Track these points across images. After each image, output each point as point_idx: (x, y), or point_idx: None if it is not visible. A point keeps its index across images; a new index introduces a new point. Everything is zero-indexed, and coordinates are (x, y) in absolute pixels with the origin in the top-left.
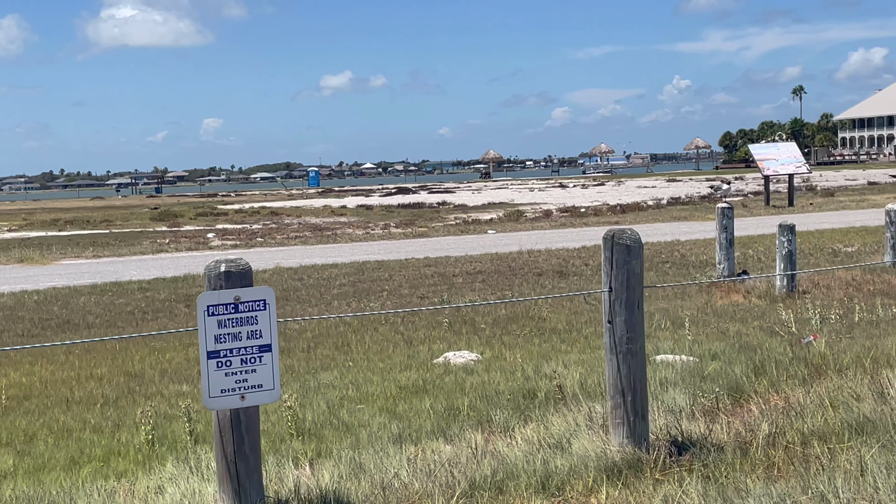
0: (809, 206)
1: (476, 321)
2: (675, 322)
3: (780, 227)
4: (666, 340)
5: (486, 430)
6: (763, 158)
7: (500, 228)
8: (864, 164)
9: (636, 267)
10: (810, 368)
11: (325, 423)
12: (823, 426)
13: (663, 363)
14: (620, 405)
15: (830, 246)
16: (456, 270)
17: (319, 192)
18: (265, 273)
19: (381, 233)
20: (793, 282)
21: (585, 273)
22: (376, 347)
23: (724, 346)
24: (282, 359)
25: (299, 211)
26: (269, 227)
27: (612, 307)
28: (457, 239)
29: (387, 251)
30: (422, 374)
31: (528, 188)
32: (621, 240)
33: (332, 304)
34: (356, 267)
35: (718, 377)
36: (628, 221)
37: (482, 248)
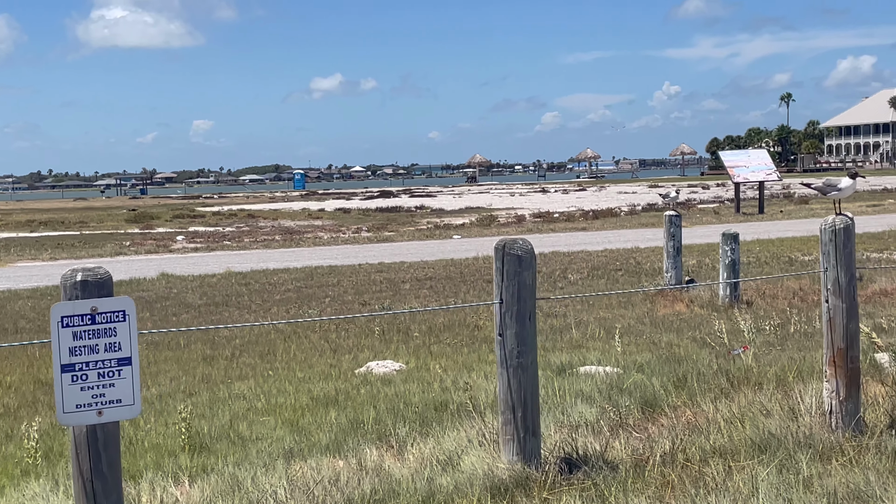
0: (779, 214)
1: (410, 329)
2: (609, 332)
3: (723, 235)
4: (594, 351)
5: (384, 445)
6: (733, 165)
7: (467, 233)
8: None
9: (527, 278)
10: (731, 382)
11: (221, 436)
12: (727, 443)
13: (586, 375)
14: (511, 421)
15: (789, 254)
16: (406, 276)
17: (303, 195)
18: (213, 278)
19: (349, 237)
20: (736, 291)
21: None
22: (302, 356)
23: (651, 357)
24: (202, 367)
25: (277, 214)
26: (241, 230)
27: (503, 320)
28: (419, 244)
29: (345, 256)
30: (339, 384)
31: (510, 193)
32: (512, 250)
33: (271, 311)
34: (308, 272)
35: (636, 390)
36: (595, 228)
37: (441, 253)
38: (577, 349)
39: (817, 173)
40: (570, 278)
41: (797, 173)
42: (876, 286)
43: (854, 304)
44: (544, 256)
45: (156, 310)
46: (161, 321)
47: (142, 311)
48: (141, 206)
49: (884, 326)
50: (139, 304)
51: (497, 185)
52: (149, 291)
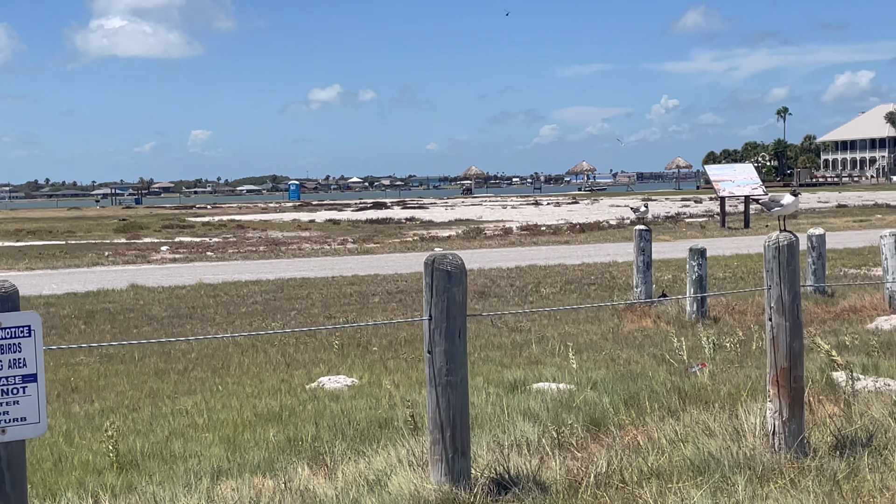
0: (765, 229)
1: (370, 343)
2: (570, 348)
3: (690, 250)
4: (551, 367)
5: (318, 464)
6: (719, 180)
7: (450, 246)
8: (844, 187)
9: (457, 294)
10: (683, 400)
11: (154, 453)
12: (666, 464)
13: (538, 391)
14: (439, 441)
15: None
16: (378, 289)
17: (296, 206)
18: (183, 289)
19: (333, 248)
20: (703, 307)
21: (507, 294)
22: (255, 370)
23: (607, 374)
24: (152, 382)
25: (266, 224)
26: (227, 241)
27: (432, 337)
28: (399, 256)
29: (322, 268)
30: (286, 400)
31: (502, 205)
32: (441, 265)
33: (235, 323)
34: (279, 284)
35: (586, 408)
36: (578, 241)
37: (419, 266)
38: (534, 365)
39: (813, 188)
40: (543, 292)
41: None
42: (846, 303)
43: (798, 324)
44: (521, 270)
45: (118, 322)
46: (121, 333)
47: (103, 322)
48: (132, 215)
49: (847, 344)
50: (103, 315)
51: (492, 197)
52: (115, 303)
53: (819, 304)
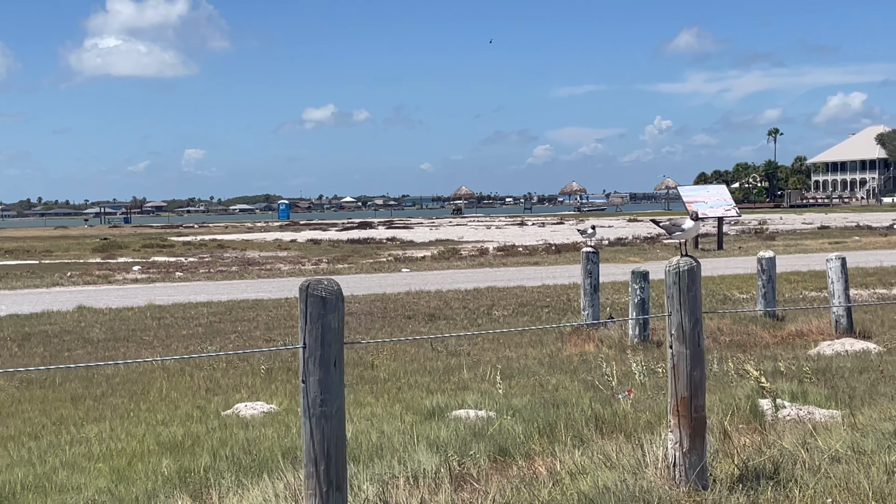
0: (737, 250)
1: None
2: (504, 373)
3: (632, 273)
4: (476, 393)
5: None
6: (692, 201)
7: (418, 267)
8: (834, 208)
9: (333, 321)
10: (599, 429)
11: (35, 486)
12: (560, 497)
13: (455, 419)
14: (313, 475)
15: (726, 292)
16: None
17: (282, 226)
18: (130, 311)
19: (304, 268)
20: (645, 331)
21: (457, 317)
22: (175, 396)
23: (532, 401)
24: (65, 408)
25: (247, 244)
26: (202, 261)
27: (306, 366)
28: (363, 277)
29: (280, 289)
30: (195, 427)
31: (487, 225)
32: (316, 291)
33: (170, 346)
34: (230, 305)
35: (498, 436)
36: (548, 262)
37: (379, 287)
38: (460, 391)
39: (804, 209)
40: (494, 315)
41: (784, 209)
42: (793, 327)
43: (699, 351)
44: (479, 291)
45: (52, 345)
46: (52, 357)
47: (37, 345)
48: (116, 235)
49: (782, 370)
50: (38, 337)
51: (481, 217)
52: (55, 325)
53: (766, 328)
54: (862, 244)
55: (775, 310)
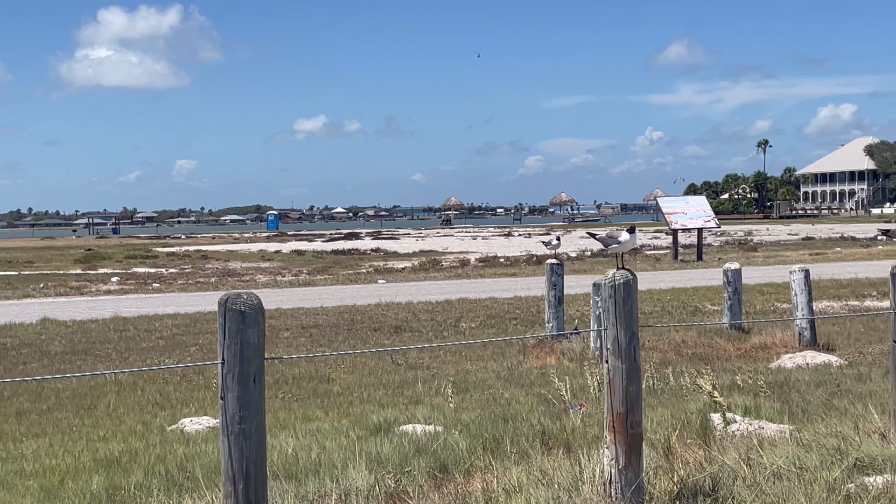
0: (717, 262)
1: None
2: (460, 386)
3: (593, 285)
4: (427, 407)
5: None
6: (671, 212)
7: (395, 278)
8: (822, 219)
9: (252, 336)
10: (546, 444)
11: None
12: None
13: (402, 434)
14: (231, 494)
15: (697, 304)
16: (293, 323)
17: (272, 236)
18: (94, 323)
19: (281, 279)
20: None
21: (424, 329)
22: (122, 409)
23: (482, 415)
24: (8, 423)
25: (231, 255)
26: (183, 272)
27: (225, 382)
28: (337, 289)
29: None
30: (135, 443)
31: (474, 236)
32: (235, 305)
33: (128, 360)
34: (196, 318)
35: (443, 452)
36: (527, 274)
37: (351, 299)
38: (411, 405)
39: (793, 220)
40: (462, 327)
41: (773, 220)
42: (757, 339)
43: (635, 366)
44: (449, 303)
45: (8, 358)
46: (6, 371)
47: None
48: (102, 245)
49: (738, 384)
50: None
51: (470, 228)
52: (15, 338)
53: (731, 341)
54: (842, 255)
55: (741, 322)
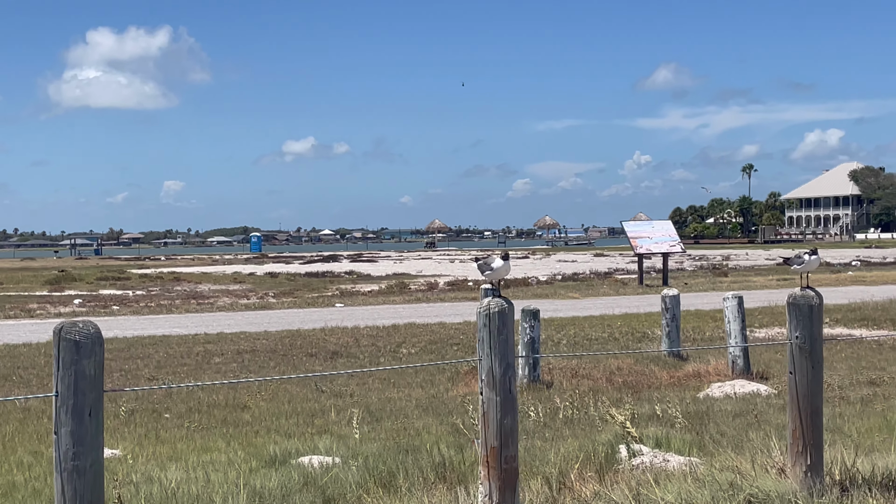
0: (682, 286)
1: (168, 407)
2: (377, 415)
3: (522, 312)
4: (331, 438)
5: None
6: (636, 237)
7: (357, 301)
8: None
9: (88, 367)
10: (441, 477)
11: None
12: None
13: (297, 466)
14: None
15: (646, 329)
16: (230, 348)
17: (252, 258)
18: (27, 347)
19: (247, 303)
20: (535, 371)
21: (361, 355)
22: (19, 439)
23: (387, 446)
24: None
25: (204, 277)
26: (149, 294)
27: (58, 415)
28: (292, 311)
29: (200, 324)
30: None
31: (451, 259)
32: (69, 334)
33: (47, 386)
34: (132, 342)
35: (330, 486)
36: None
37: (300, 322)
38: (318, 435)
39: (777, 245)
40: (401, 352)
41: (757, 244)
42: (692, 367)
43: (510, 398)
44: (396, 328)
45: None
46: None
47: None
48: (78, 267)
49: (658, 413)
50: None
51: (454, 250)
52: None
53: (666, 368)
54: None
55: (680, 349)
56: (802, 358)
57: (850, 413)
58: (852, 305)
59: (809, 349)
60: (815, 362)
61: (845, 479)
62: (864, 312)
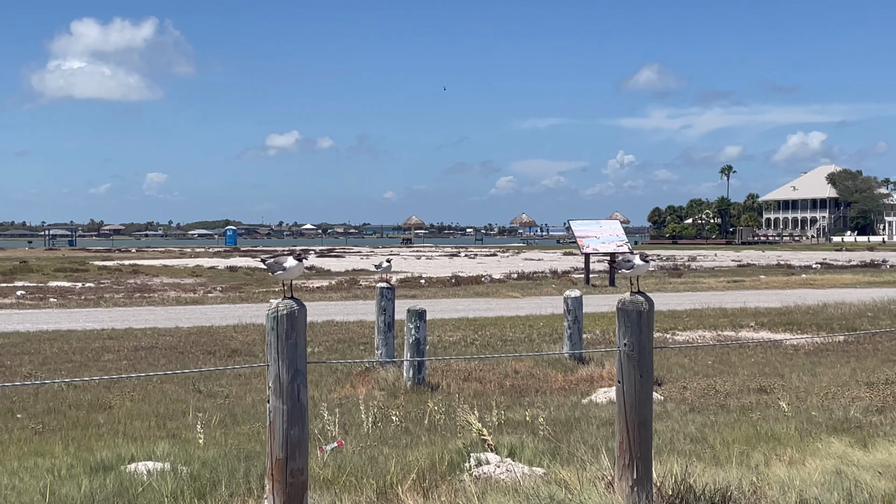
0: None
1: (26, 407)
2: (236, 417)
3: (408, 312)
4: (172, 442)
5: None
6: (584, 236)
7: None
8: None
9: None
10: (262, 488)
11: None
12: None
13: (123, 473)
14: None
15: None
16: (129, 345)
17: (223, 251)
18: None
19: (191, 297)
20: (420, 373)
21: (260, 353)
22: None
23: (227, 452)
24: None
25: (164, 270)
26: (99, 287)
27: None
28: (222, 307)
29: (116, 319)
30: None
31: (419, 256)
32: None
33: None
34: (30, 336)
35: (146, 495)
36: (427, 296)
37: (220, 319)
38: (163, 438)
39: (753, 246)
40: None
41: (735, 246)
42: (586, 371)
43: (298, 406)
44: (313, 326)
45: None
46: None
47: None
48: (42, 258)
49: (527, 420)
50: None
51: (429, 247)
52: None
53: (563, 372)
54: (760, 283)
55: (582, 352)
56: (630, 366)
57: (722, 422)
58: (783, 309)
59: (638, 357)
60: (644, 371)
61: (677, 495)
62: (792, 317)
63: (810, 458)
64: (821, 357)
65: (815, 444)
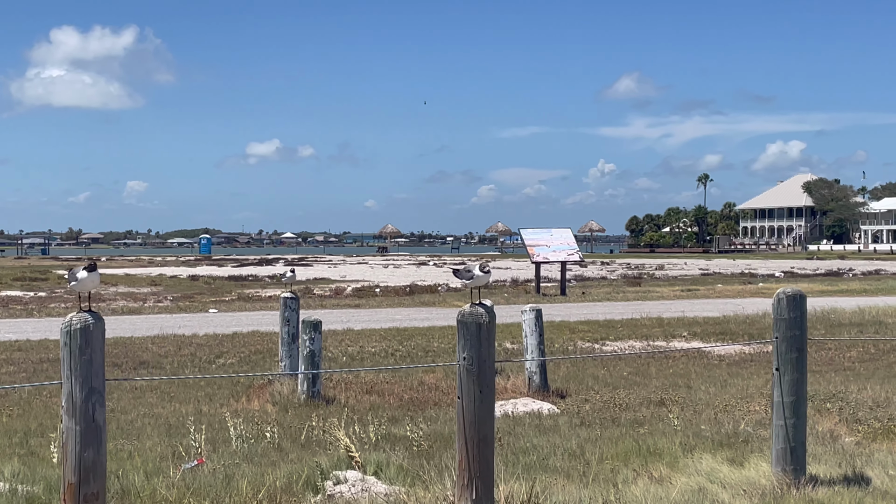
0: (581, 297)
1: None
2: (110, 434)
3: (303, 323)
4: (24, 460)
5: None
6: (534, 244)
7: (232, 308)
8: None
9: None
10: None
11: None
12: None
13: None
14: None
15: (500, 341)
16: (36, 357)
17: (194, 260)
18: None
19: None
20: (315, 386)
21: (171, 365)
22: None
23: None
24: None
25: (123, 279)
26: (50, 296)
27: None
28: (156, 317)
29: (40, 330)
30: None
31: (385, 265)
32: None
33: None
34: None
35: None
36: (372, 305)
37: (146, 329)
38: (18, 456)
39: (731, 254)
40: (218, 363)
41: (712, 254)
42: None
43: (93, 427)
44: (237, 336)
45: None
46: None
47: None
48: (6, 266)
49: (407, 435)
50: None
51: (404, 256)
52: None
53: None
54: (715, 292)
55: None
56: (470, 381)
57: (607, 437)
58: (720, 319)
59: (477, 372)
60: (484, 386)
61: None
62: (727, 326)
63: (677, 475)
64: (741, 368)
65: (685, 461)
